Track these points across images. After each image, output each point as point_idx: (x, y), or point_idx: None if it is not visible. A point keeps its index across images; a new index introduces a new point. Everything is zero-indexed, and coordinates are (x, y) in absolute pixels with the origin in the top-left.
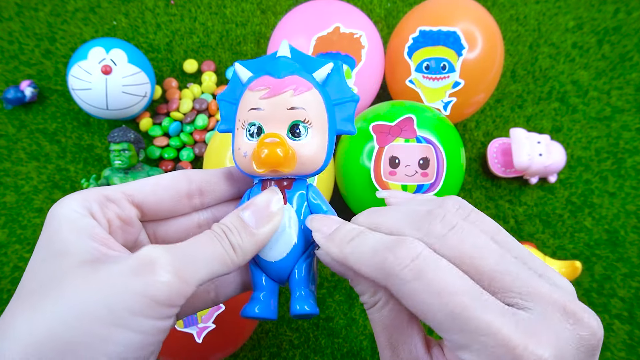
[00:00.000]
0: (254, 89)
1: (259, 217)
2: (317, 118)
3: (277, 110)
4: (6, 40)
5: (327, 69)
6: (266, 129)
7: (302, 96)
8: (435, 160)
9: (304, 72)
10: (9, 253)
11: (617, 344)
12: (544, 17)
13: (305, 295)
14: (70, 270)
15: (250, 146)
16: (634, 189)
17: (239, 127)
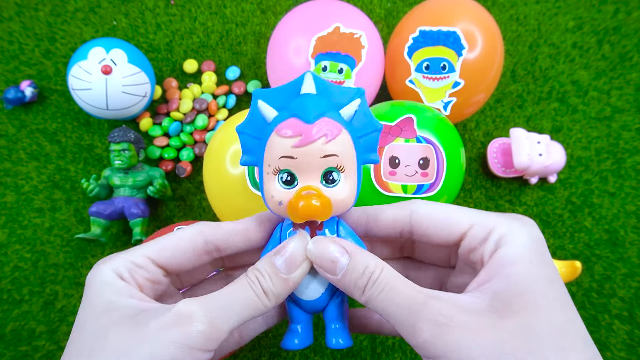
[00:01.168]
0: (283, 135)
1: (290, 264)
2: (348, 160)
3: (310, 159)
4: (6, 40)
5: (355, 106)
6: (299, 178)
7: (335, 141)
8: (435, 160)
9: (333, 111)
10: (9, 253)
11: (617, 344)
12: (544, 17)
13: (340, 329)
14: (114, 326)
15: (285, 195)
16: (634, 189)
17: (270, 172)
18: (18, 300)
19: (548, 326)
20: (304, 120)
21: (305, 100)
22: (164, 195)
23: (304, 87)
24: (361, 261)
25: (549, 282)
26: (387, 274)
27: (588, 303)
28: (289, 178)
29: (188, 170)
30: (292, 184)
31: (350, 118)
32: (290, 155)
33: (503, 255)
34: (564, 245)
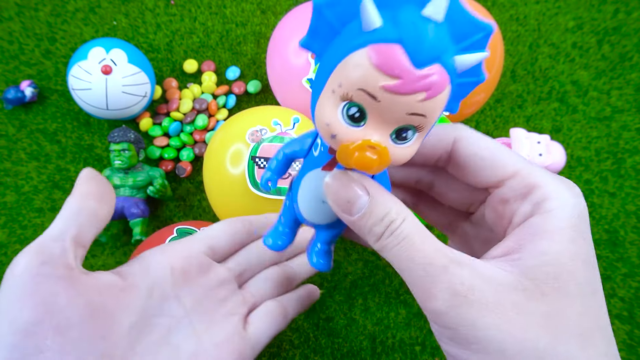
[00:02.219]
0: (377, 65)
1: None
2: (433, 121)
3: (395, 109)
4: (6, 40)
5: (478, 58)
6: (370, 120)
7: (433, 100)
8: None
9: (450, 56)
10: (9, 253)
11: (617, 344)
12: (544, 17)
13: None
14: None
15: (344, 132)
16: (634, 189)
17: (335, 89)
18: None
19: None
20: (411, 59)
21: (425, 29)
22: (164, 195)
23: (432, 6)
24: (382, 206)
25: (586, 265)
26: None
27: None
28: (358, 115)
29: (188, 170)
30: (359, 122)
31: (464, 69)
32: (374, 94)
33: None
34: None
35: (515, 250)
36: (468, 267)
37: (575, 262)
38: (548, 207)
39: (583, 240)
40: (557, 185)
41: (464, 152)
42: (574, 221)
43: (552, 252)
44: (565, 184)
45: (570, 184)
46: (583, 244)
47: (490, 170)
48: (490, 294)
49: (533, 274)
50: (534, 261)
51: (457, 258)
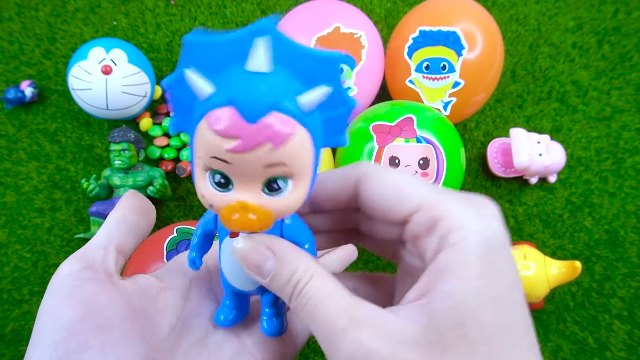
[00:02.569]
0: (216, 130)
1: None
2: (300, 166)
3: (250, 167)
4: (6, 40)
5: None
6: (236, 184)
7: (285, 147)
8: (435, 160)
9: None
10: (9, 253)
11: (617, 344)
12: (544, 17)
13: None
14: None
15: (216, 198)
16: (634, 189)
17: (198, 162)
18: (18, 300)
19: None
20: (244, 116)
21: (250, 83)
22: (164, 195)
23: (253, 60)
24: (288, 266)
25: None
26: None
27: (588, 303)
28: (223, 181)
29: (188, 170)
30: (227, 187)
31: (312, 108)
32: (223, 159)
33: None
34: (564, 245)
35: (424, 294)
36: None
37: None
38: (453, 240)
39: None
40: (462, 212)
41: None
42: (481, 251)
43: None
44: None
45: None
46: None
47: (395, 207)
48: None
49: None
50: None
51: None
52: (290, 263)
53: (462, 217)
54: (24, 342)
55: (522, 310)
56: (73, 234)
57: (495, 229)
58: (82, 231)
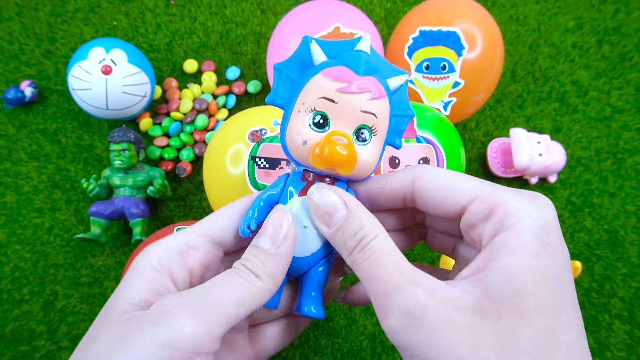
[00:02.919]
0: (331, 77)
1: (274, 239)
2: (381, 127)
3: (350, 108)
4: (6, 40)
5: (402, 80)
6: (333, 124)
7: (377, 102)
8: (435, 160)
9: (381, 76)
10: (9, 253)
11: (617, 344)
12: (544, 17)
13: (316, 297)
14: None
15: (312, 136)
16: (634, 189)
17: (302, 109)
18: (18, 300)
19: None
20: (354, 70)
21: (359, 55)
22: (164, 195)
23: (361, 44)
24: (357, 221)
25: (549, 280)
26: (378, 242)
27: (588, 303)
28: (322, 121)
29: (188, 170)
30: (324, 127)
31: (393, 90)
32: (332, 98)
33: (502, 242)
34: None
35: (480, 270)
36: (425, 288)
37: (537, 279)
38: (509, 223)
39: (548, 254)
40: (518, 200)
41: (423, 189)
42: (537, 234)
43: (513, 268)
44: (528, 198)
45: (535, 196)
46: (548, 257)
47: (450, 200)
48: (443, 316)
49: (493, 292)
50: (495, 278)
51: (416, 279)
52: (360, 218)
53: (518, 204)
54: (24, 342)
55: (573, 292)
56: (73, 234)
57: (550, 216)
58: (82, 231)
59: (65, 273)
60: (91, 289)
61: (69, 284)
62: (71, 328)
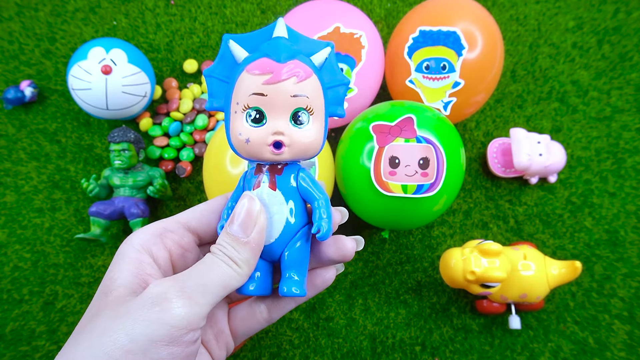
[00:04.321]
0: (254, 73)
1: (245, 227)
2: (316, 105)
3: (280, 97)
4: (6, 40)
5: (325, 54)
6: (269, 116)
7: (305, 83)
8: (435, 160)
9: (304, 55)
10: (9, 253)
11: (617, 344)
12: (544, 17)
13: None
14: (106, 306)
15: (253, 132)
16: (634, 189)
17: (237, 110)
18: (18, 300)
19: None
20: (275, 59)
21: (277, 42)
22: (164, 195)
23: (276, 31)
24: None
25: None
26: None
27: (588, 303)
28: (258, 116)
29: (188, 170)
30: (261, 122)
31: (320, 65)
32: (260, 92)
33: None
34: (564, 245)
35: None
36: None
37: None
38: None
39: None
40: None
41: None
42: None
43: None
44: None
45: None
46: None
47: None
48: None
49: None
50: None
51: None
52: None
53: None
54: (24, 342)
55: None
56: (73, 234)
57: None
58: (82, 231)
59: (65, 273)
60: (91, 289)
61: (69, 284)
62: (71, 328)
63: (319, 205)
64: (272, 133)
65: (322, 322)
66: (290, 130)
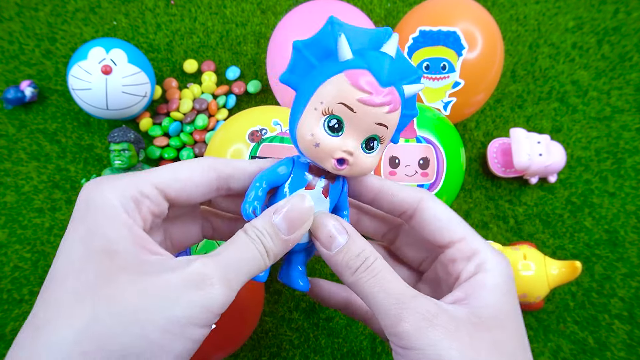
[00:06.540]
0: (353, 84)
1: (291, 224)
2: (390, 134)
3: (366, 119)
4: (6, 40)
5: (418, 89)
6: (346, 130)
7: (392, 114)
8: (435, 160)
9: (400, 85)
10: (9, 253)
11: (617, 344)
12: (544, 17)
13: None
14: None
15: (326, 141)
16: (634, 189)
17: (317, 107)
18: (18, 300)
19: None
20: (378, 80)
21: (385, 60)
22: None
23: (388, 45)
24: (359, 244)
25: (515, 313)
26: (381, 263)
27: (588, 303)
28: (337, 125)
29: None
30: (338, 132)
31: (408, 97)
32: (351, 106)
33: (482, 280)
34: (564, 245)
35: (463, 299)
36: (432, 300)
37: (509, 310)
38: (488, 268)
39: (512, 295)
40: (493, 253)
41: (427, 212)
42: (506, 280)
43: (493, 300)
44: (498, 253)
45: (501, 253)
46: (512, 298)
47: (445, 232)
48: (450, 322)
49: (479, 312)
50: (478, 304)
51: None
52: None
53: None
54: None
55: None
56: None
57: (510, 269)
58: None
59: None
60: None
61: None
62: None
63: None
64: (342, 150)
65: (322, 322)
66: (359, 153)
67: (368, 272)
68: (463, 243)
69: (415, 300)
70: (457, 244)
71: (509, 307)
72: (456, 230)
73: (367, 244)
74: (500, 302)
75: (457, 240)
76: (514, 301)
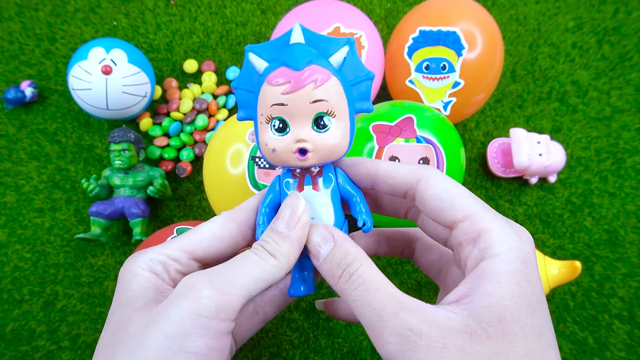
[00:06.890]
0: (273, 83)
1: (288, 222)
2: (338, 106)
3: (300, 104)
4: (6, 40)
5: (343, 53)
6: (291, 124)
7: (323, 87)
8: (435, 160)
9: (321, 58)
10: (9, 253)
11: (617, 344)
12: (544, 17)
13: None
14: (135, 313)
15: (277, 142)
16: (634, 189)
17: (262, 121)
18: (18, 300)
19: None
20: (292, 67)
21: (293, 49)
22: (164, 195)
23: (293, 37)
24: (343, 249)
25: (530, 308)
26: (365, 270)
27: (588, 303)
28: (281, 125)
29: (188, 170)
30: (284, 131)
31: (339, 65)
32: (280, 102)
33: (488, 269)
34: (564, 245)
35: (466, 295)
36: (417, 312)
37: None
38: (495, 252)
39: (529, 283)
40: (504, 231)
41: (427, 193)
42: (518, 265)
43: (497, 294)
44: (513, 230)
45: (519, 229)
46: (529, 286)
47: (447, 212)
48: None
49: (480, 316)
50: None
51: (408, 304)
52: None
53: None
54: (24, 342)
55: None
56: (73, 234)
57: (530, 248)
58: (82, 231)
59: (66, 273)
60: (91, 289)
61: (69, 284)
62: (71, 328)
63: (358, 201)
64: (295, 141)
65: (322, 322)
66: (313, 136)
67: (350, 283)
68: (467, 223)
69: (396, 317)
70: (461, 224)
71: (520, 303)
72: (460, 208)
73: (353, 248)
74: (507, 297)
75: (460, 219)
76: (530, 293)
